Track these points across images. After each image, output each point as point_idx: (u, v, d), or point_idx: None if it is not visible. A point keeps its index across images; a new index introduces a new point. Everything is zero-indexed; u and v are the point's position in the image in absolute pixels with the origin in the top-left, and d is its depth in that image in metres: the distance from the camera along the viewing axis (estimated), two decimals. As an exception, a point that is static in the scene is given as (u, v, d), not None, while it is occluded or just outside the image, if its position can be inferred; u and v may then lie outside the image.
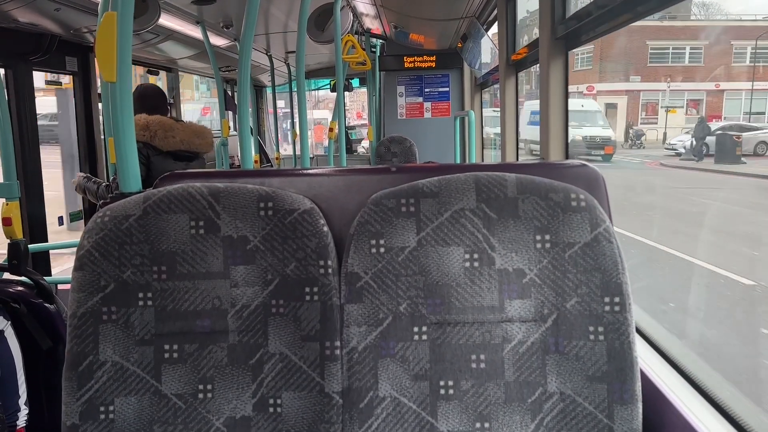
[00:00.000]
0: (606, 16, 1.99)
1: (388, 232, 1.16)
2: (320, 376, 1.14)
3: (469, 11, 4.67)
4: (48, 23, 3.44)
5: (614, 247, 1.14)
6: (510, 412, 1.13)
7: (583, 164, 1.28)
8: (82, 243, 1.15)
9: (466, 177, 1.18)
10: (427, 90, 7.08)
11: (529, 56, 3.14)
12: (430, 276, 1.16)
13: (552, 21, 2.41)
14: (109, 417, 1.13)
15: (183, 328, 1.15)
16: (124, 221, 1.15)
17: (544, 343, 1.14)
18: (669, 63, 21.98)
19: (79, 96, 4.29)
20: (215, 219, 1.17)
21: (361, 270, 1.16)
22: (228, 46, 5.31)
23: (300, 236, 1.17)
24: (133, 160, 1.39)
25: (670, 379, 1.31)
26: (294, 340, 1.16)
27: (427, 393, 1.14)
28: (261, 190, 1.19)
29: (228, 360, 1.16)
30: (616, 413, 1.11)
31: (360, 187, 1.26)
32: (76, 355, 1.13)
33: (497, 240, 1.16)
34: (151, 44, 4.51)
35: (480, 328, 1.15)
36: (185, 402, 1.15)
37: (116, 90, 1.34)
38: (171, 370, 1.15)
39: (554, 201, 1.15)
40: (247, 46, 2.16)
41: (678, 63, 21.93)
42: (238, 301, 1.16)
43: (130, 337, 1.14)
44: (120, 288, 1.15)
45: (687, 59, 21.78)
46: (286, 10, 4.45)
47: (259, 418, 1.15)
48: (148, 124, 2.90)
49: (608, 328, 1.12)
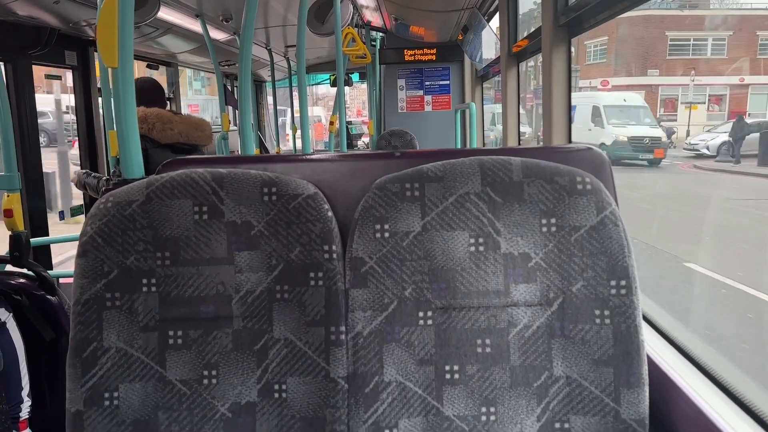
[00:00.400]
0: (607, 2, 1.97)
1: (393, 217, 1.16)
2: (325, 361, 1.14)
3: (470, 2, 4.65)
4: (47, 16, 3.42)
5: (620, 230, 1.13)
6: (516, 397, 1.12)
7: (589, 147, 1.27)
8: (85, 229, 1.15)
9: (471, 161, 1.17)
10: (428, 83, 7.06)
11: (530, 46, 3.13)
12: (435, 260, 1.15)
13: (554, 8, 2.40)
14: (114, 403, 1.12)
15: (187, 314, 1.15)
16: (128, 207, 1.15)
17: (549, 327, 1.13)
18: (690, 55, 20.50)
19: (79, 90, 4.27)
20: (219, 204, 1.16)
21: (366, 255, 1.15)
22: (227, 40, 5.29)
23: (304, 221, 1.16)
24: (135, 146, 1.38)
25: (677, 363, 1.30)
26: (299, 325, 1.15)
27: (433, 378, 1.14)
28: (264, 176, 1.18)
29: (233, 346, 1.15)
30: (623, 396, 1.11)
31: (364, 173, 1.25)
32: (80, 342, 1.13)
33: (502, 224, 1.15)
34: (151, 38, 4.49)
35: (485, 313, 1.14)
36: (190, 388, 1.14)
37: (118, 76, 1.33)
38: (175, 356, 1.14)
39: (560, 184, 1.14)
40: (247, 39, 2.14)
41: (699, 55, 20.44)
42: (242, 286, 1.16)
43: (134, 323, 1.14)
44: (124, 274, 1.14)
45: (709, 51, 20.27)
46: (286, 3, 4.43)
47: (264, 403, 1.14)
48: (146, 116, 2.88)
49: (614, 312, 1.12)
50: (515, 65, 3.63)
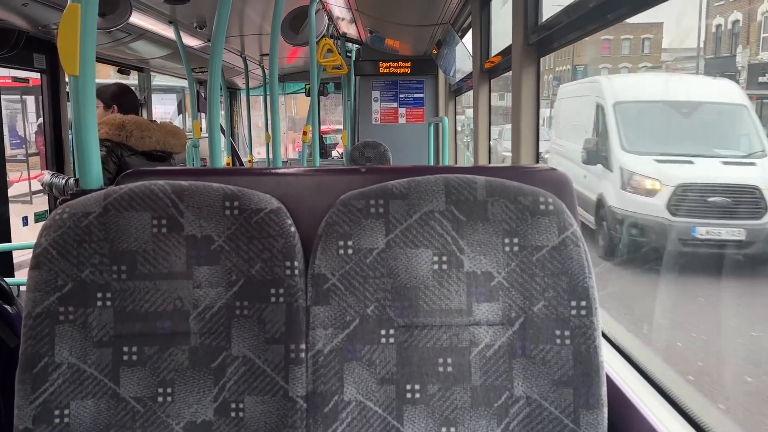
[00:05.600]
0: (577, 23, 2.01)
1: (357, 233, 1.15)
2: (284, 380, 1.12)
3: (444, 17, 4.70)
4: (15, 18, 3.36)
5: (581, 251, 1.14)
6: (476, 417, 1.12)
7: (552, 168, 1.28)
8: (39, 241, 1.12)
9: (436, 179, 1.17)
10: (402, 95, 7.08)
11: (502, 63, 3.17)
12: (398, 278, 1.15)
13: (525, 28, 2.43)
14: (65, 421, 1.09)
15: (143, 330, 1.12)
16: (84, 219, 1.12)
17: (510, 346, 1.14)
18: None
19: (47, 94, 4.20)
20: (178, 218, 1.14)
21: (329, 271, 1.14)
22: (202, 47, 5.25)
23: (266, 236, 1.15)
24: (95, 156, 1.35)
25: (635, 384, 1.32)
26: (258, 342, 1.13)
27: (393, 397, 1.13)
28: (227, 189, 1.16)
29: (189, 363, 1.13)
30: (582, 418, 1.11)
31: (329, 188, 1.24)
32: (30, 357, 1.09)
33: (466, 242, 1.15)
34: (123, 43, 4.44)
35: (447, 332, 1.14)
36: (144, 405, 1.11)
37: (78, 83, 1.31)
38: (130, 373, 1.11)
39: (523, 204, 1.15)
40: (218, 46, 2.13)
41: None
42: (200, 302, 1.14)
43: (88, 338, 1.11)
44: (78, 287, 1.11)
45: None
46: (261, 12, 4.42)
47: (220, 422, 1.12)
48: (123, 123, 2.85)
49: (574, 332, 1.12)
50: (487, 81, 3.67)
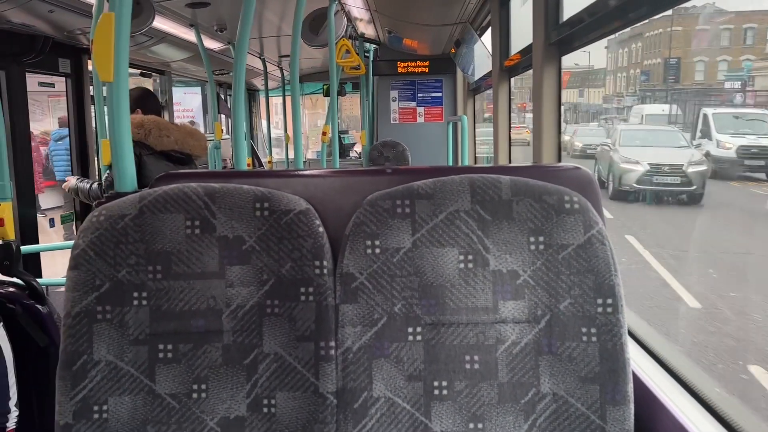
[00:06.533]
0: (598, 22, 2.01)
1: (384, 233, 1.17)
2: (314, 376, 1.15)
3: (463, 17, 4.70)
4: (41, 24, 3.43)
5: (607, 249, 1.15)
6: (503, 413, 1.14)
7: (576, 167, 1.29)
8: (77, 242, 1.15)
9: (461, 179, 1.19)
10: (420, 95, 7.09)
11: (522, 61, 3.16)
12: (424, 277, 1.16)
13: (546, 26, 2.43)
14: (103, 416, 1.13)
15: (178, 328, 1.16)
16: (120, 221, 1.16)
17: (537, 344, 1.15)
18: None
19: (72, 98, 4.28)
20: (211, 219, 1.17)
21: (357, 270, 1.17)
22: (221, 49, 5.31)
23: (296, 237, 1.17)
24: (129, 160, 1.39)
25: (662, 381, 1.32)
26: (289, 340, 1.16)
27: (421, 393, 1.15)
28: (257, 191, 1.19)
29: (222, 360, 1.16)
30: (609, 414, 1.12)
31: (355, 189, 1.27)
32: (70, 355, 1.13)
33: (491, 241, 1.16)
34: (145, 47, 4.51)
35: (474, 329, 1.16)
36: (179, 402, 1.14)
37: (112, 90, 1.34)
38: (165, 370, 1.15)
39: (548, 203, 1.16)
40: (242, 49, 2.16)
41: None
42: (233, 301, 1.17)
43: (125, 336, 1.14)
44: (115, 287, 1.15)
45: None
46: (280, 14, 4.46)
47: (253, 418, 1.15)
48: (142, 122, 2.89)
49: (601, 330, 1.13)
50: (507, 80, 3.67)
